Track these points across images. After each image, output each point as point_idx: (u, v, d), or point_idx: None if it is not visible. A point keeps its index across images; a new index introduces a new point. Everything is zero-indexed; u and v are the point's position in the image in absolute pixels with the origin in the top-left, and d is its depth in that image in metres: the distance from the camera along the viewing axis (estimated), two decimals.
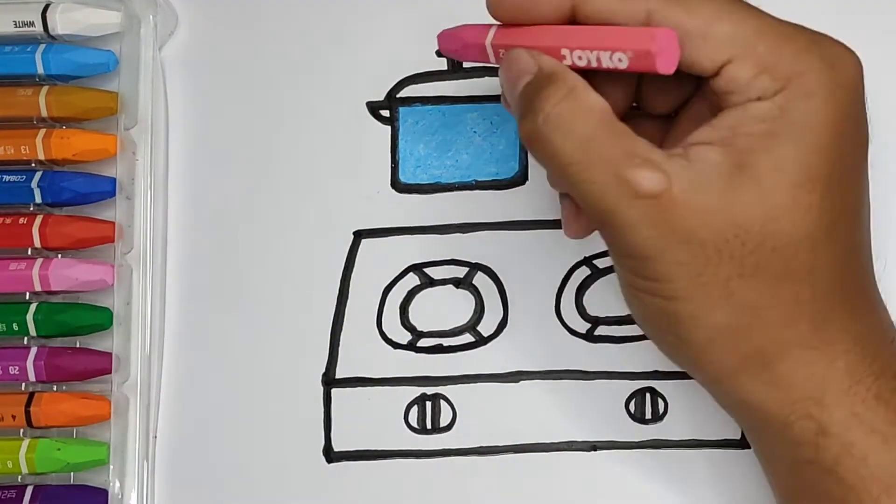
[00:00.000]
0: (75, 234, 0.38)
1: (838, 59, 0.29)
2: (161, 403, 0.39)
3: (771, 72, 0.29)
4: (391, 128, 0.40)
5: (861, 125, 0.30)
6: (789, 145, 0.28)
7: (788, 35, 0.29)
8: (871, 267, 0.31)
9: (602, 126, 0.29)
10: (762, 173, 0.28)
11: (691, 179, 0.28)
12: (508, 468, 0.38)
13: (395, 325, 0.39)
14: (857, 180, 0.30)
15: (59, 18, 0.39)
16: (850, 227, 0.30)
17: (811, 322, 0.29)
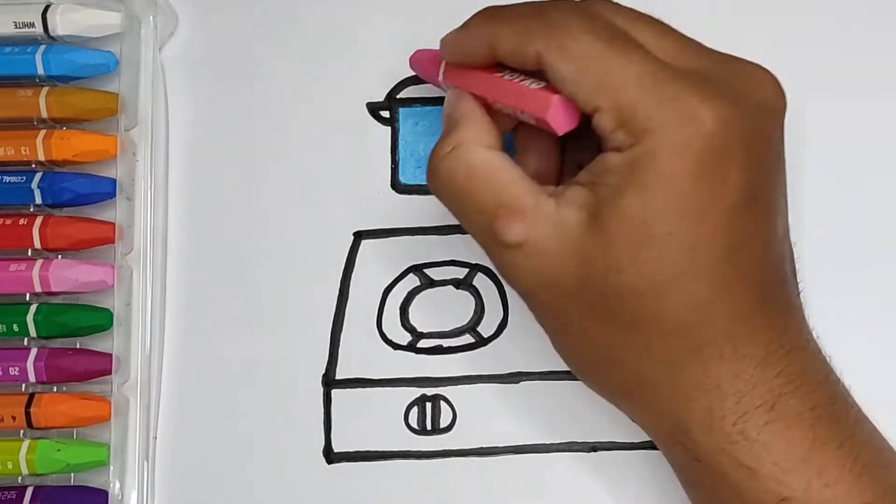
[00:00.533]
0: (75, 234, 0.38)
1: (699, 115, 0.28)
2: (161, 404, 0.39)
3: (627, 125, 0.29)
4: (391, 128, 0.40)
5: (732, 174, 0.29)
6: (631, 202, 0.29)
7: (651, 87, 0.29)
8: (758, 299, 0.30)
9: (475, 180, 0.31)
10: (608, 227, 0.29)
11: (551, 228, 0.30)
12: (508, 469, 0.38)
13: (395, 326, 0.39)
14: (726, 225, 0.29)
15: (59, 19, 0.39)
16: (712, 273, 0.29)
17: (666, 364, 0.30)
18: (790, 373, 0.30)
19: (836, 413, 0.31)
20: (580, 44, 0.29)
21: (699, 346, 0.30)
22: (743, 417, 0.30)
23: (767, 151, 0.30)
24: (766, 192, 0.30)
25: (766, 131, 0.30)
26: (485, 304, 0.39)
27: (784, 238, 0.32)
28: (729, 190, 0.29)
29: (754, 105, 0.30)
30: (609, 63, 0.29)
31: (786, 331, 0.31)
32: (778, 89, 0.31)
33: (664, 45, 0.31)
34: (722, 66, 0.30)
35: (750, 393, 0.30)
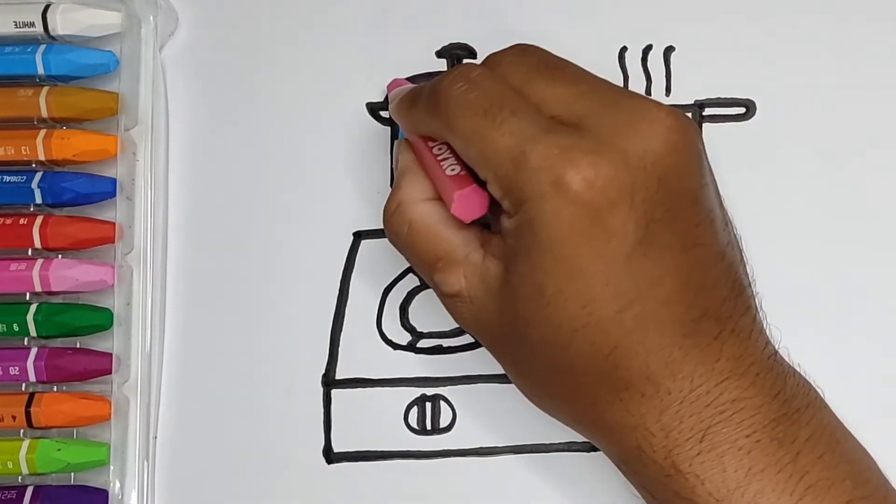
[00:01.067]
0: (76, 234, 0.38)
1: (567, 178, 0.29)
2: (161, 404, 0.39)
3: (508, 195, 0.30)
4: (391, 129, 0.40)
5: (620, 224, 0.29)
6: (521, 264, 0.31)
7: (522, 158, 0.30)
8: (680, 332, 0.30)
9: (417, 235, 0.34)
10: (511, 283, 0.31)
11: (478, 278, 0.33)
12: (508, 469, 0.38)
13: (394, 326, 0.39)
14: (624, 272, 0.30)
15: (59, 19, 0.39)
16: (616, 321, 0.30)
17: (592, 405, 0.31)
18: (721, 402, 0.30)
19: (778, 436, 0.30)
20: (459, 120, 0.31)
21: (617, 388, 0.31)
22: (673, 451, 0.30)
23: (659, 193, 0.30)
24: (666, 232, 0.30)
25: (656, 173, 0.29)
26: None
27: (708, 266, 0.31)
28: (614, 243, 0.29)
29: (638, 152, 0.29)
30: (485, 137, 0.31)
31: (717, 360, 0.31)
32: (670, 126, 0.30)
33: (555, 96, 0.31)
34: (608, 112, 0.30)
35: (678, 427, 0.30)
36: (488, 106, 0.31)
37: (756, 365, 0.31)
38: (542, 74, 0.32)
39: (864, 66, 0.39)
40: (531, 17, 0.40)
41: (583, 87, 0.31)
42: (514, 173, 0.30)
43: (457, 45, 0.41)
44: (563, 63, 0.33)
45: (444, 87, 0.32)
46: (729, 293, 0.31)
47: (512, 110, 0.30)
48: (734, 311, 0.31)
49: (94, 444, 0.38)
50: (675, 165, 0.30)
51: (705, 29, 0.40)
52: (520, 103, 0.31)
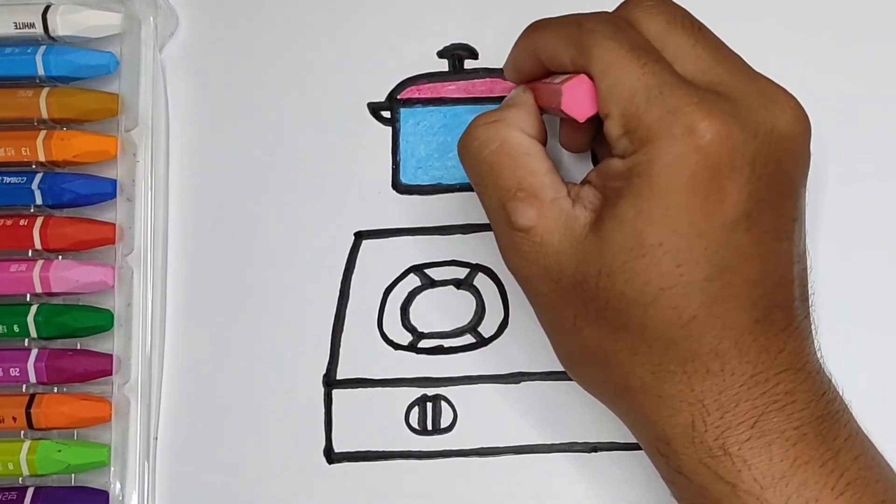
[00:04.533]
0: (76, 235, 0.38)
1: (698, 129, 0.29)
2: (162, 405, 0.39)
3: (631, 133, 0.30)
4: (392, 129, 0.40)
5: (731, 192, 0.29)
6: (626, 209, 0.30)
7: (657, 98, 0.29)
8: (750, 318, 0.30)
9: (505, 156, 0.32)
10: (604, 230, 0.30)
11: (559, 223, 0.31)
12: (509, 469, 0.38)
13: (395, 326, 0.39)
14: (720, 243, 0.29)
15: (59, 20, 0.39)
16: (702, 289, 0.30)
17: (651, 373, 0.31)
18: (777, 392, 0.30)
19: (822, 432, 0.31)
20: (602, 49, 0.30)
21: (684, 359, 0.30)
22: (725, 433, 0.30)
23: (774, 175, 0.30)
24: (770, 215, 0.30)
25: (776, 155, 0.30)
26: (485, 304, 0.39)
27: (790, 263, 0.31)
28: (725, 207, 0.29)
29: (766, 128, 0.30)
30: (624, 71, 0.30)
31: (780, 352, 0.31)
32: (797, 116, 0.31)
33: (693, 55, 0.31)
34: (743, 85, 0.31)
35: (733, 409, 0.30)
36: (635, 46, 0.30)
37: (809, 364, 0.32)
38: (684, 28, 0.31)
39: (864, 66, 0.39)
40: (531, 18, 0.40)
41: (720, 54, 0.31)
42: (645, 110, 0.29)
43: (458, 45, 0.41)
44: (703, 25, 0.32)
45: (593, 23, 0.31)
46: (799, 294, 0.32)
47: (656, 58, 0.30)
48: (800, 311, 0.32)
49: (94, 446, 0.38)
50: (794, 154, 0.31)
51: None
52: (661, 56, 0.31)
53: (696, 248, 0.29)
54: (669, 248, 0.29)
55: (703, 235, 0.29)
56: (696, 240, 0.29)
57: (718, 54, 0.31)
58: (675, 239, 0.29)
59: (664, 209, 0.29)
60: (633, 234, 0.30)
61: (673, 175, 0.29)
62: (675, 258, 0.29)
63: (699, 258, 0.29)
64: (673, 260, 0.29)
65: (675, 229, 0.29)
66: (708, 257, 0.29)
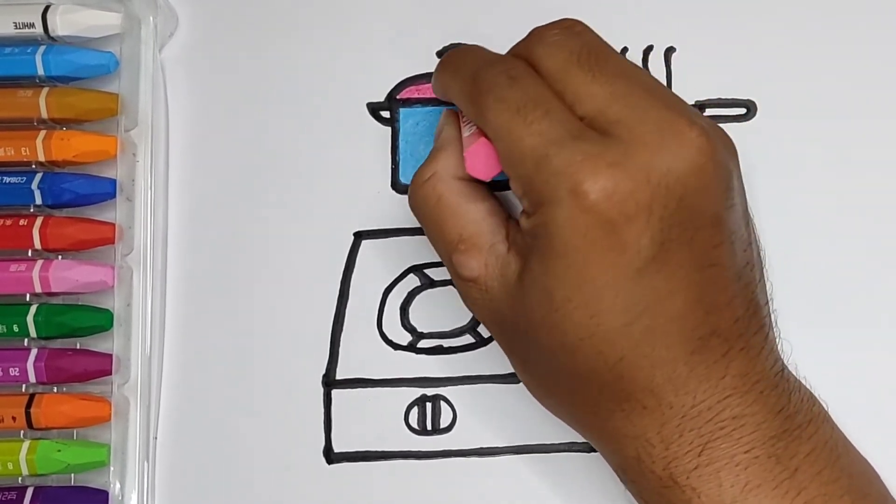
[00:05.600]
0: (76, 235, 0.38)
1: (585, 187, 0.29)
2: (161, 404, 0.39)
3: (527, 196, 0.30)
4: (391, 129, 0.40)
5: (632, 238, 0.29)
6: (534, 266, 0.31)
7: (545, 161, 0.29)
8: (686, 349, 0.30)
9: (442, 211, 0.33)
10: (524, 284, 0.31)
11: (498, 270, 0.32)
12: (508, 469, 0.38)
13: (395, 326, 0.39)
14: (632, 288, 0.29)
15: (59, 20, 0.39)
16: (621, 334, 0.30)
17: (593, 413, 0.32)
18: (722, 418, 0.30)
19: (777, 452, 0.30)
20: (493, 113, 0.31)
21: (619, 399, 0.31)
22: (671, 464, 0.30)
23: (678, 213, 0.29)
24: (682, 251, 0.30)
25: (676, 194, 0.29)
26: None
27: (723, 286, 0.31)
28: (627, 257, 0.29)
29: (661, 170, 0.29)
30: (513, 135, 0.30)
31: (722, 378, 0.31)
32: (699, 147, 0.30)
33: (590, 94, 0.31)
34: (639, 124, 0.30)
35: (677, 440, 0.30)
36: (523, 104, 0.30)
37: (761, 383, 0.31)
38: (581, 65, 0.31)
39: (864, 65, 0.39)
40: (532, 18, 0.40)
41: (619, 88, 0.30)
42: (534, 174, 0.30)
43: (457, 45, 0.40)
44: (606, 52, 0.32)
45: (486, 78, 0.32)
46: (743, 313, 0.31)
47: (546, 110, 0.30)
48: (746, 330, 0.31)
49: (94, 445, 0.38)
50: (699, 188, 0.30)
51: (706, 30, 0.40)
52: (554, 104, 0.31)
53: (606, 299, 0.29)
54: (579, 302, 0.30)
55: (609, 287, 0.29)
56: (604, 291, 0.29)
57: (617, 89, 0.30)
58: (582, 294, 0.30)
59: (566, 267, 0.29)
60: (543, 290, 0.30)
61: (567, 236, 0.29)
62: (587, 311, 0.30)
63: (611, 308, 0.30)
64: (585, 312, 0.30)
65: (580, 285, 0.29)
66: (620, 305, 0.29)
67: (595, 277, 0.29)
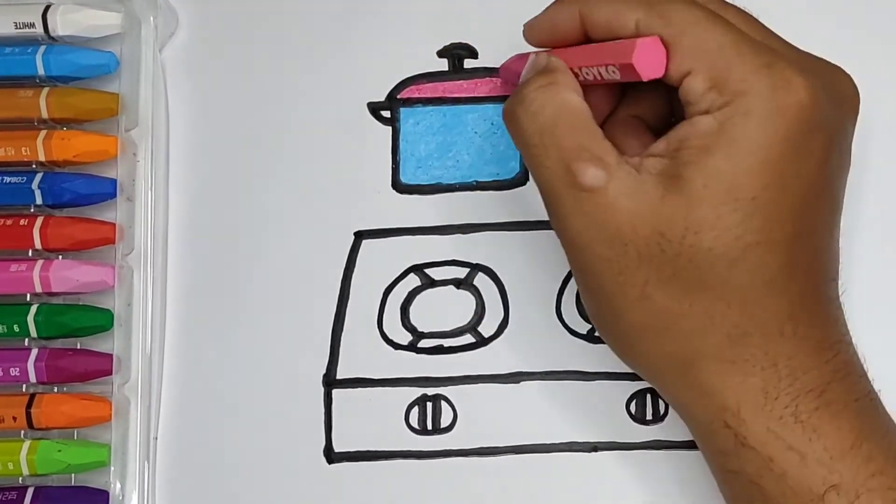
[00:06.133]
0: (76, 235, 0.38)
1: (794, 84, 0.29)
2: (162, 405, 0.39)
3: (720, 87, 0.29)
4: (392, 128, 0.40)
5: (815, 151, 0.30)
6: (720, 162, 0.29)
7: (749, 53, 0.29)
8: (817, 287, 0.31)
9: (566, 117, 0.31)
10: (691, 187, 0.29)
11: (629, 184, 0.30)
12: (509, 469, 0.38)
13: (395, 326, 0.39)
14: (803, 204, 0.30)
15: (59, 20, 0.39)
16: (786, 248, 0.30)
17: (726, 336, 0.30)
18: (838, 362, 0.31)
19: (876, 406, 0.31)
20: (681, 12, 0.30)
21: (762, 320, 0.30)
22: (796, 399, 0.30)
23: (842, 143, 0.31)
24: (835, 184, 0.31)
25: (844, 123, 0.31)
26: (485, 303, 0.39)
27: (838, 236, 0.32)
28: (811, 166, 0.30)
29: (836, 94, 0.30)
30: (707, 29, 0.30)
31: (837, 321, 0.31)
32: (855, 89, 0.32)
33: (753, 29, 0.31)
34: (803, 57, 0.31)
35: (803, 377, 0.30)
36: (714, 8, 0.31)
37: (851, 341, 0.32)
38: (736, 12, 0.32)
39: (865, 65, 0.39)
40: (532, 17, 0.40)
41: (772, 33, 0.32)
42: (738, 63, 0.29)
43: (457, 44, 0.41)
44: (745, 10, 0.33)
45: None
46: (836, 275, 0.32)
47: (734, 13, 0.31)
48: (839, 288, 0.32)
49: (94, 445, 0.38)
50: (853, 120, 0.32)
51: None
52: None
53: (785, 206, 0.29)
54: (763, 202, 0.29)
55: (790, 193, 0.29)
56: (787, 196, 0.29)
57: (771, 33, 0.32)
58: (769, 193, 0.29)
59: (760, 162, 0.29)
60: (727, 187, 0.29)
61: (771, 127, 0.29)
62: (768, 213, 0.29)
63: (787, 216, 0.29)
64: (765, 214, 0.29)
65: (769, 184, 0.29)
66: (794, 215, 0.30)
67: (784, 179, 0.29)
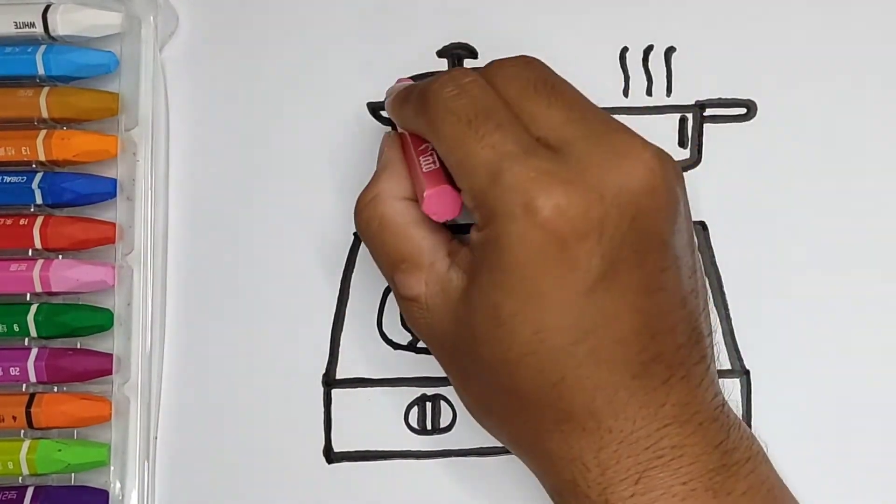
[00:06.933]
0: (76, 234, 0.38)
1: (539, 201, 0.29)
2: (161, 404, 0.39)
3: (479, 208, 0.30)
4: (391, 128, 0.40)
5: (581, 258, 0.29)
6: (485, 280, 0.30)
7: (499, 174, 0.29)
8: (624, 377, 0.30)
9: (386, 231, 0.34)
10: (471, 298, 0.31)
11: (439, 287, 0.32)
12: (509, 469, 0.38)
13: (395, 326, 0.39)
14: (575, 309, 0.29)
15: (59, 19, 0.39)
16: (566, 354, 0.30)
17: (532, 432, 0.31)
18: (661, 447, 0.30)
19: (714, 486, 0.30)
20: (444, 125, 0.31)
21: (559, 419, 0.30)
22: (607, 489, 0.30)
23: (629, 233, 0.29)
24: (631, 272, 0.30)
25: (628, 214, 0.29)
26: None
27: (668, 311, 0.31)
28: (578, 274, 0.29)
29: (613, 190, 0.29)
30: (465, 147, 0.30)
31: (663, 406, 0.30)
32: (651, 169, 0.30)
33: (546, 116, 0.31)
34: (592, 145, 0.30)
35: (614, 466, 0.30)
36: (474, 115, 0.31)
37: (701, 414, 0.31)
38: (538, 92, 0.31)
39: (865, 65, 0.39)
40: (532, 17, 0.40)
41: (575, 114, 0.31)
42: (488, 188, 0.30)
43: (457, 44, 0.41)
44: (562, 84, 0.32)
45: (433, 89, 0.32)
46: (685, 341, 0.31)
47: (497, 124, 0.30)
48: (688, 358, 0.31)
49: (94, 445, 0.38)
50: (650, 209, 0.30)
51: (706, 29, 0.40)
52: (506, 117, 0.31)
53: (553, 316, 0.29)
54: (525, 317, 0.30)
55: (557, 303, 0.29)
56: (552, 308, 0.29)
57: (573, 114, 0.31)
58: (530, 308, 0.29)
59: (514, 282, 0.29)
60: (490, 304, 0.30)
61: (517, 252, 0.29)
62: (532, 326, 0.30)
63: (558, 325, 0.29)
64: (530, 328, 0.30)
65: (528, 300, 0.29)
66: (567, 323, 0.29)
67: (544, 294, 0.29)
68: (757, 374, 0.38)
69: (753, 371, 0.38)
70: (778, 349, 0.38)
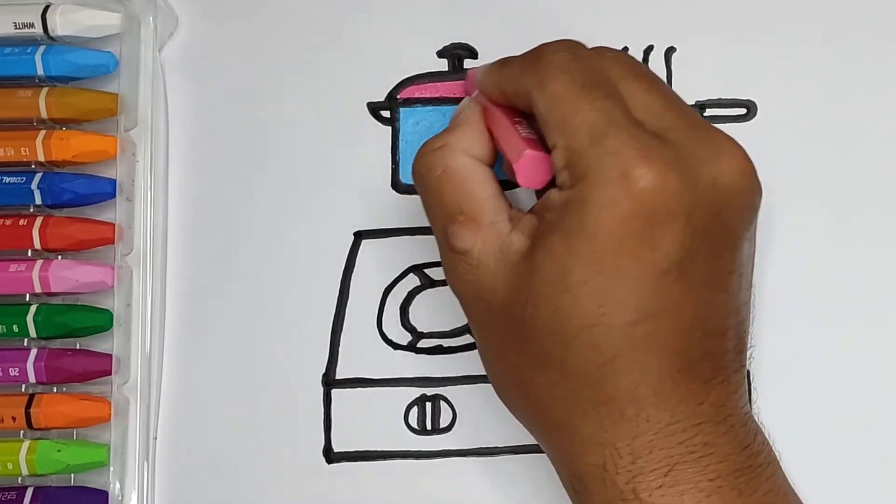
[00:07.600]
0: (75, 235, 0.38)
1: (635, 174, 0.29)
2: (161, 405, 0.39)
3: (571, 168, 0.30)
4: (392, 128, 0.40)
5: (663, 240, 0.29)
6: (556, 243, 0.30)
7: (602, 136, 0.29)
8: (671, 368, 0.30)
9: (448, 182, 0.33)
10: (535, 260, 0.30)
11: (496, 246, 0.31)
12: (509, 469, 0.38)
13: (395, 326, 0.39)
14: (646, 290, 0.29)
15: (58, 20, 0.39)
16: (623, 332, 0.29)
17: (567, 410, 0.31)
18: (694, 443, 0.30)
19: (739, 486, 0.30)
20: (555, 82, 0.31)
21: (600, 400, 0.30)
22: (636, 478, 0.30)
23: (712, 227, 0.30)
24: (704, 266, 0.30)
25: (715, 207, 0.30)
26: None
27: (725, 315, 0.31)
28: (656, 254, 0.29)
29: (708, 180, 0.30)
30: (574, 105, 0.30)
31: (701, 403, 0.30)
32: (742, 169, 0.30)
33: (646, 101, 0.31)
34: (691, 133, 0.31)
35: (646, 456, 0.30)
36: (588, 81, 0.30)
37: (733, 417, 0.31)
38: (638, 78, 0.32)
39: (864, 65, 0.39)
40: (532, 18, 0.40)
41: (672, 104, 0.31)
42: (587, 147, 0.29)
43: (458, 44, 0.41)
44: (657, 76, 0.33)
45: (548, 50, 0.32)
46: (733, 346, 0.31)
47: (608, 94, 0.30)
48: (731, 364, 0.31)
49: (93, 445, 0.38)
50: (735, 207, 0.30)
51: (706, 30, 0.40)
52: (616, 92, 0.31)
53: (621, 291, 0.29)
54: (593, 287, 0.29)
55: (629, 279, 0.29)
56: (622, 283, 0.29)
57: (670, 103, 0.31)
58: (600, 280, 0.29)
59: (592, 249, 0.29)
60: (559, 268, 0.30)
61: (604, 217, 0.29)
62: (598, 298, 0.29)
63: (623, 301, 0.29)
64: (595, 300, 0.29)
65: (601, 270, 0.29)
66: (633, 302, 0.29)
67: (619, 266, 0.29)
68: (757, 374, 0.38)
69: (753, 371, 0.38)
70: (778, 349, 0.38)
